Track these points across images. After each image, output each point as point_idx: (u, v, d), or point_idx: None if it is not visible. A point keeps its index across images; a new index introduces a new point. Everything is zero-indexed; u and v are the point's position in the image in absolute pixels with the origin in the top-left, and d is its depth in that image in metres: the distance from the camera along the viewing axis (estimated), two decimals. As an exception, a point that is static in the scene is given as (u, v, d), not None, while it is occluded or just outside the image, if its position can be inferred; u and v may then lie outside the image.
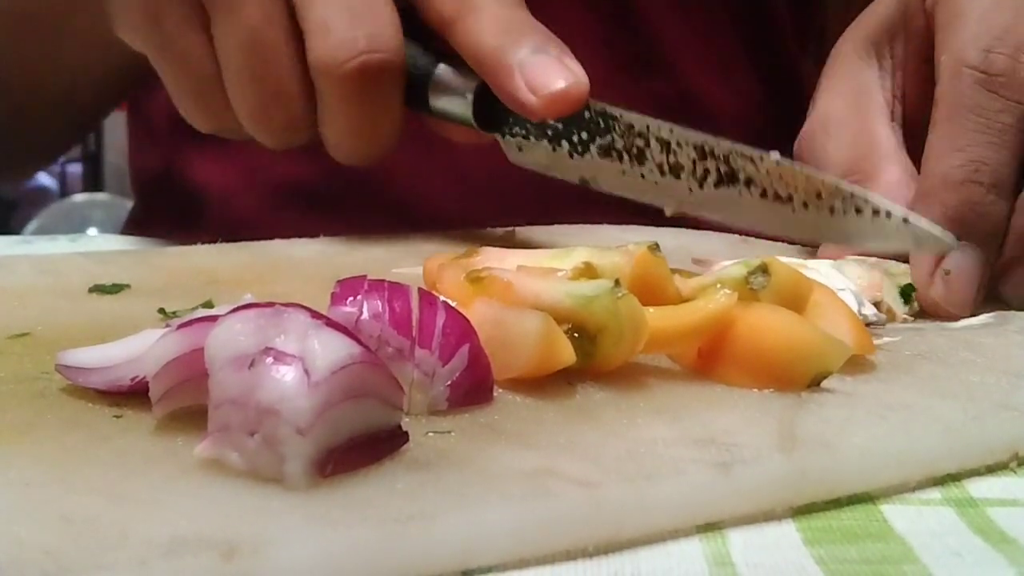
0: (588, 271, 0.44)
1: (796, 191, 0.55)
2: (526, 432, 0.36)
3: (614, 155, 0.60)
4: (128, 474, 0.32)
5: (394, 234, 0.68)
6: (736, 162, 0.56)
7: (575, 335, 0.40)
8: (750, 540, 0.33)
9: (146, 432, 0.35)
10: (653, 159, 0.58)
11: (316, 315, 0.34)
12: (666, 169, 0.58)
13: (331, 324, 0.33)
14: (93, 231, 2.83)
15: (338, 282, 0.39)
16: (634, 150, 0.59)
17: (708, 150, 0.57)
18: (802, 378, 0.41)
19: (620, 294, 0.40)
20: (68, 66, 0.86)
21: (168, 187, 0.96)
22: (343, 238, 0.67)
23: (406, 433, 0.34)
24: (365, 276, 0.39)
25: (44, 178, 4.84)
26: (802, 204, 0.55)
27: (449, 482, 0.32)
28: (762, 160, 0.55)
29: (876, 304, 0.52)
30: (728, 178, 0.56)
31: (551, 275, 0.43)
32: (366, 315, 0.37)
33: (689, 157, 0.57)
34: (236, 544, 0.28)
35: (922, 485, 0.37)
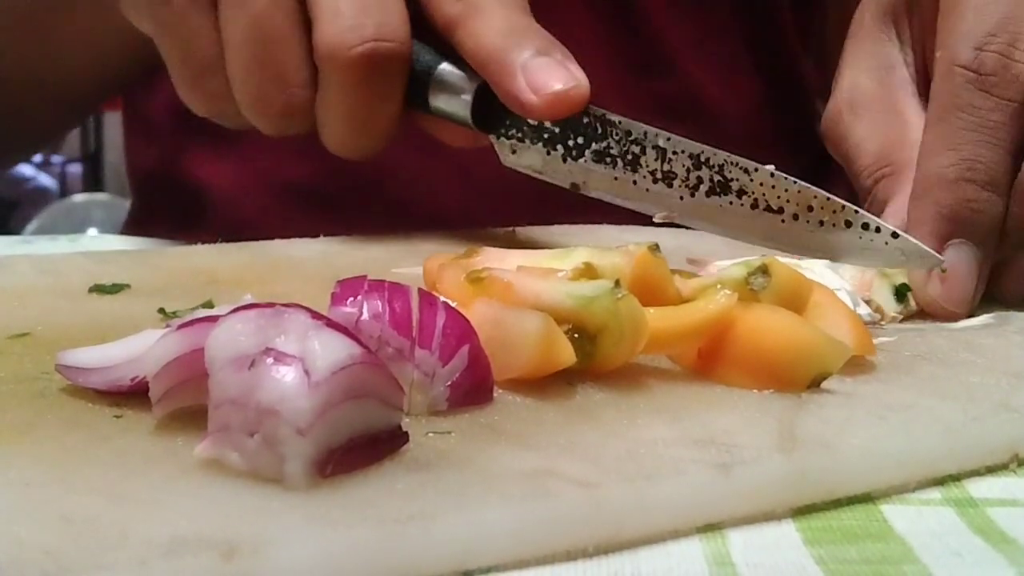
0: (588, 271, 0.44)
1: (788, 203, 0.55)
2: (526, 432, 0.36)
3: (608, 161, 0.59)
4: (128, 474, 0.32)
5: (394, 234, 0.68)
6: (730, 172, 0.56)
7: (575, 335, 0.40)
8: (750, 540, 0.33)
9: (146, 432, 0.35)
10: (647, 166, 0.58)
11: (316, 315, 0.34)
12: (659, 176, 0.58)
13: (331, 324, 0.33)
14: (93, 231, 2.83)
15: (338, 282, 0.39)
16: (629, 156, 0.59)
17: (703, 159, 0.57)
18: (802, 379, 0.41)
19: (620, 295, 0.40)
20: (65, 53, 0.86)
21: (167, 186, 0.96)
22: (343, 238, 0.67)
23: (406, 433, 0.34)
24: (365, 276, 0.39)
25: (44, 178, 4.84)
26: (792, 216, 0.55)
27: (449, 482, 0.32)
28: (756, 171, 0.55)
29: (867, 303, 0.52)
30: (720, 187, 0.56)
31: (551, 275, 0.43)
32: (366, 315, 0.37)
33: (683, 166, 0.57)
34: (236, 544, 0.28)
35: (922, 485, 0.37)
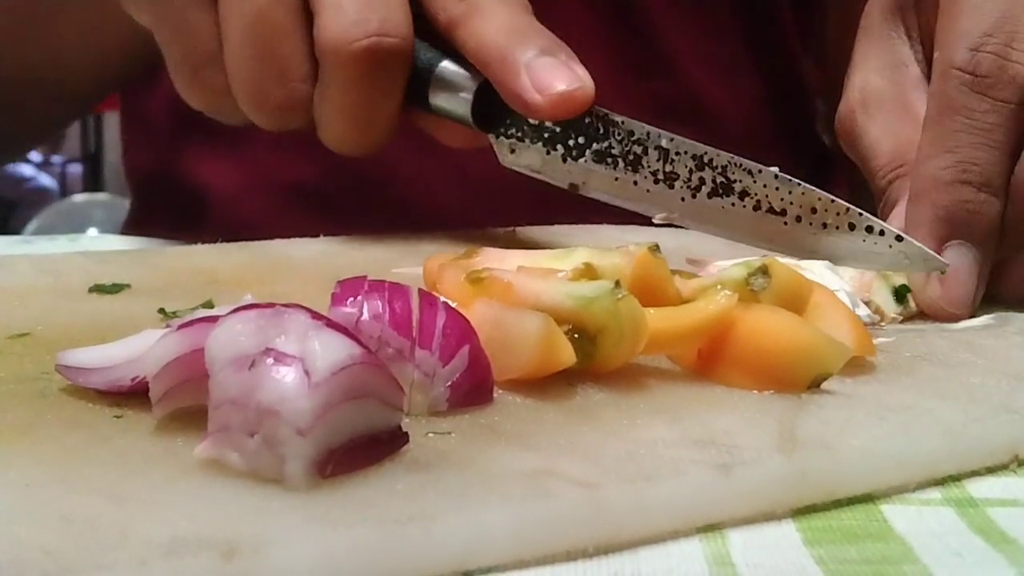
0: (588, 272, 0.44)
1: (791, 205, 0.55)
2: (526, 433, 0.36)
3: (609, 161, 0.59)
4: (128, 474, 0.32)
5: (394, 234, 0.68)
6: (733, 173, 0.56)
7: (575, 336, 0.40)
8: (750, 540, 0.33)
9: (146, 432, 0.35)
10: (648, 167, 0.58)
11: (316, 316, 0.34)
12: (660, 177, 0.58)
13: (331, 325, 0.33)
14: (93, 231, 2.83)
15: (338, 283, 0.39)
16: (630, 156, 0.58)
17: (706, 160, 0.56)
18: (802, 379, 0.41)
19: (620, 295, 0.39)
20: (63, 50, 0.85)
21: (167, 186, 0.95)
22: (343, 238, 0.67)
23: (406, 434, 0.34)
24: (365, 277, 0.39)
25: (44, 178, 4.85)
26: (795, 218, 0.55)
27: (449, 483, 0.32)
28: (760, 173, 0.55)
29: (866, 304, 0.52)
30: (723, 189, 0.56)
31: (551, 276, 0.43)
32: (366, 316, 0.37)
33: (686, 167, 0.57)
34: (236, 544, 0.28)
35: (922, 486, 0.37)
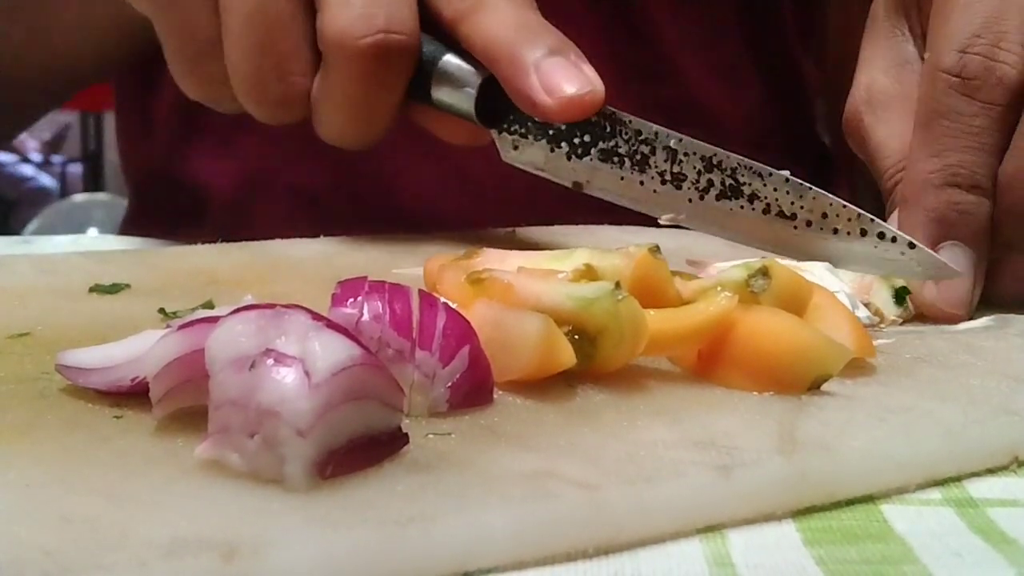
0: (589, 273, 0.44)
1: (801, 209, 0.54)
2: (526, 434, 0.36)
3: (615, 160, 0.58)
4: (128, 475, 0.32)
5: (394, 235, 0.68)
6: (742, 176, 0.55)
7: (575, 337, 0.40)
8: (750, 540, 0.33)
9: (146, 433, 0.35)
10: (655, 167, 0.57)
11: (317, 317, 0.34)
12: (668, 178, 0.57)
13: (332, 326, 0.33)
14: (93, 231, 2.84)
15: (339, 283, 0.39)
16: (637, 156, 0.58)
17: (715, 162, 0.56)
18: (802, 381, 0.41)
19: (620, 296, 0.39)
20: (55, 36, 0.85)
21: (166, 185, 0.95)
22: (343, 238, 0.67)
23: (406, 435, 0.34)
24: (366, 277, 0.39)
25: (44, 178, 4.85)
26: (805, 223, 0.54)
27: (449, 484, 0.32)
28: (770, 176, 0.55)
29: (865, 305, 0.52)
30: (732, 192, 0.55)
31: (551, 277, 0.43)
32: (367, 316, 0.37)
33: (694, 168, 0.56)
34: (236, 545, 0.28)
35: (922, 487, 0.37)
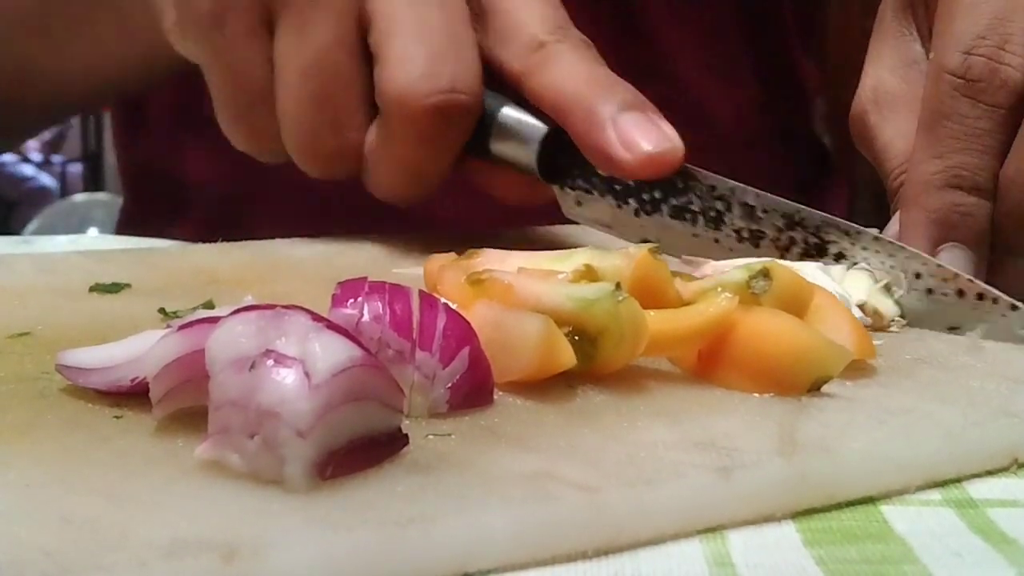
0: (589, 274, 0.44)
1: (892, 269, 0.52)
2: (526, 435, 0.36)
3: (687, 217, 0.56)
4: (128, 475, 0.32)
5: (394, 235, 0.68)
6: (827, 234, 0.53)
7: (575, 338, 0.40)
8: (750, 541, 0.33)
9: (146, 433, 0.35)
10: (731, 224, 0.55)
11: (317, 317, 0.34)
12: (745, 235, 0.54)
13: (332, 326, 0.33)
14: (93, 231, 2.84)
15: (339, 284, 0.39)
16: (712, 212, 0.55)
17: (798, 219, 0.53)
18: (802, 382, 0.41)
19: (621, 297, 0.39)
20: (76, 65, 0.84)
21: (161, 182, 0.95)
22: (343, 238, 0.67)
23: (406, 436, 0.34)
24: (366, 278, 0.39)
25: (44, 178, 4.85)
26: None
27: (449, 485, 0.32)
28: (859, 234, 0.52)
29: (861, 307, 0.52)
30: (816, 250, 0.53)
31: (552, 278, 0.42)
32: (367, 317, 0.37)
33: (774, 225, 0.54)
34: (236, 546, 0.28)
35: (922, 489, 0.37)
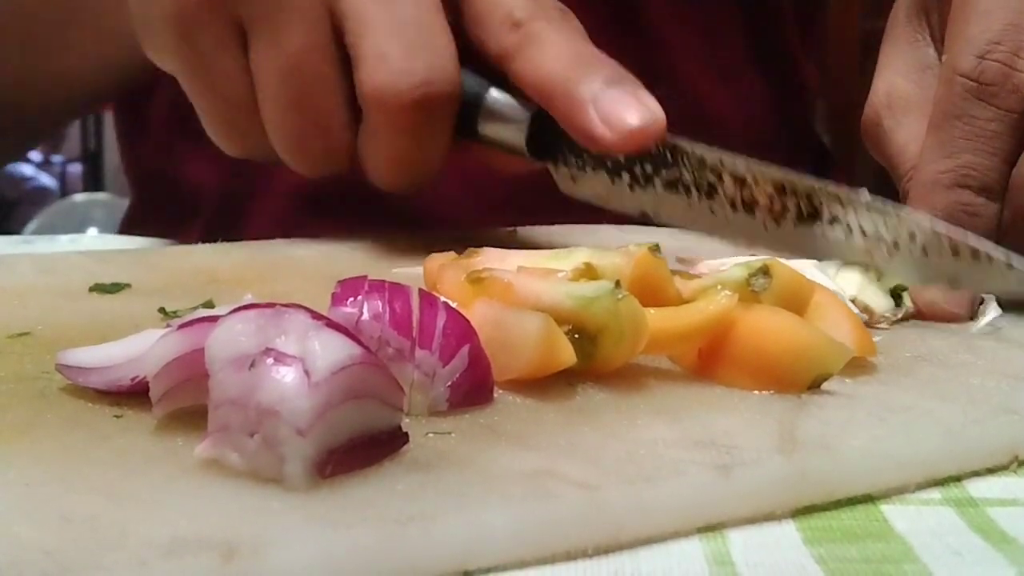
0: (588, 272, 0.44)
1: (886, 229, 0.52)
2: (526, 433, 0.36)
3: (681, 189, 0.56)
4: (128, 474, 0.32)
5: (394, 234, 0.68)
6: (819, 199, 0.53)
7: (575, 336, 0.40)
8: (750, 539, 0.33)
9: (146, 432, 0.35)
10: (725, 194, 0.55)
11: (316, 316, 0.34)
12: (739, 204, 0.55)
13: (331, 325, 0.33)
14: (93, 231, 2.84)
15: (339, 282, 0.39)
16: (704, 185, 0.55)
17: (788, 187, 0.54)
18: (802, 380, 0.41)
19: (621, 295, 0.39)
20: (64, 70, 0.85)
21: (164, 184, 0.95)
22: (343, 238, 0.67)
23: (406, 434, 0.34)
24: (366, 276, 0.39)
25: (44, 178, 4.85)
26: (893, 244, 0.52)
27: (449, 483, 0.32)
28: (851, 199, 0.52)
29: (852, 302, 0.52)
30: (810, 215, 0.53)
31: (551, 276, 0.42)
32: (367, 316, 0.37)
33: (766, 193, 0.54)
34: (236, 545, 0.28)
35: (922, 487, 0.37)
